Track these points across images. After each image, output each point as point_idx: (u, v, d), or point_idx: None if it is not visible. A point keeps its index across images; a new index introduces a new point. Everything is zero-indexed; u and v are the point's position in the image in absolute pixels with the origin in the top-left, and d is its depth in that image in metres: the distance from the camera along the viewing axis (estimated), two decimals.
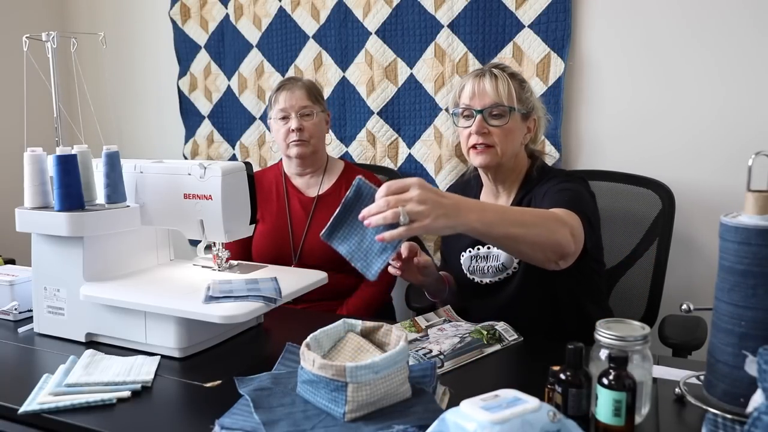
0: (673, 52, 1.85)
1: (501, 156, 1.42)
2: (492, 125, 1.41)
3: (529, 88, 1.48)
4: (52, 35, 1.40)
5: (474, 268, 1.49)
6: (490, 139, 1.41)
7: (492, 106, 1.40)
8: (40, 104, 1.80)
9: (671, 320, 1.57)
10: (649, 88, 1.89)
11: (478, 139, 1.41)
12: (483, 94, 1.41)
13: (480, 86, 1.41)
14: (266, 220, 1.87)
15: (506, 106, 1.40)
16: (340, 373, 0.91)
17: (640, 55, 1.89)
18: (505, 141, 1.41)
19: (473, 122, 1.41)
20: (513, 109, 1.41)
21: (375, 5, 2.18)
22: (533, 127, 1.48)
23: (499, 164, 1.44)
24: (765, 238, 0.86)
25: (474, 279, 1.50)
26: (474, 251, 1.49)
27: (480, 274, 1.49)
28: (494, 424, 0.70)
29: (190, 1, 2.57)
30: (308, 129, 1.81)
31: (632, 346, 0.91)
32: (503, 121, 1.41)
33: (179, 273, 1.41)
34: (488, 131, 1.41)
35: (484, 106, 1.41)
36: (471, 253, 1.50)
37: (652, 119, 1.90)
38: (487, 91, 1.41)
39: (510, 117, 1.41)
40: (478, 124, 1.40)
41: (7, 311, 1.48)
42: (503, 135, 1.41)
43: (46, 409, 1.02)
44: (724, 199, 1.80)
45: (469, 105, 1.43)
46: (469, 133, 1.42)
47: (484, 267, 1.47)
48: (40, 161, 1.33)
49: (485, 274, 1.48)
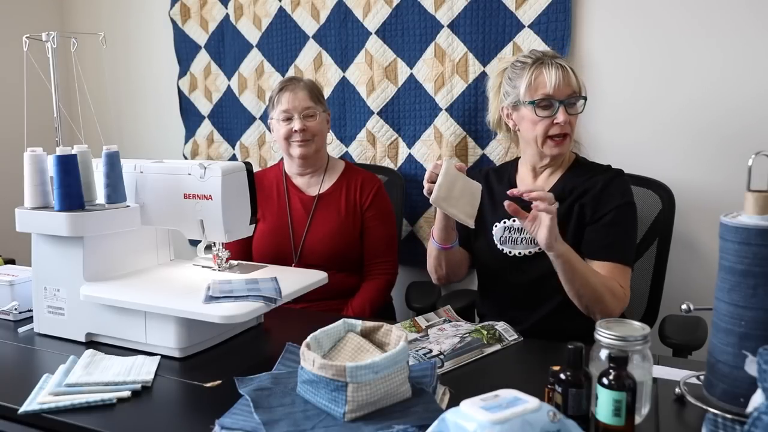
0: (673, 52, 1.85)
1: (571, 143, 1.50)
2: (570, 114, 1.45)
3: None
4: (52, 35, 1.40)
5: (506, 238, 1.52)
6: (569, 128, 1.46)
7: (572, 97, 1.44)
8: (40, 104, 1.80)
9: (671, 320, 1.57)
10: (649, 88, 1.89)
11: (562, 129, 1.44)
12: (567, 84, 1.43)
13: (565, 77, 1.43)
14: (267, 220, 1.87)
15: (582, 96, 1.46)
16: (340, 373, 0.91)
17: (640, 55, 1.89)
18: (574, 130, 1.48)
19: (555, 112, 1.43)
20: (586, 99, 1.46)
21: (375, 5, 2.18)
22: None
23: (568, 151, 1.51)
24: (765, 238, 0.86)
25: (504, 250, 1.52)
26: (509, 222, 1.52)
27: (511, 245, 1.51)
28: (494, 424, 0.70)
29: (190, 1, 2.57)
30: (311, 129, 1.81)
31: (632, 346, 0.91)
32: (577, 110, 1.46)
33: (179, 273, 1.41)
34: (569, 121, 1.45)
35: (566, 96, 1.43)
36: (506, 224, 1.53)
37: (652, 119, 1.90)
38: (572, 81, 1.44)
39: (584, 106, 1.46)
40: (564, 115, 1.43)
41: (7, 311, 1.48)
42: (575, 124, 1.48)
43: (46, 409, 1.02)
44: (724, 199, 1.80)
45: (552, 96, 1.43)
46: (550, 123, 1.44)
47: (518, 238, 1.50)
48: (40, 161, 1.33)
49: (516, 245, 1.50)
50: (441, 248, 1.51)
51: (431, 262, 1.57)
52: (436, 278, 1.61)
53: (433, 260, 1.56)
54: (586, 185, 1.48)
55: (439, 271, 1.57)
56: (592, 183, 1.47)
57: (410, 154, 2.22)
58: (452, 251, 1.53)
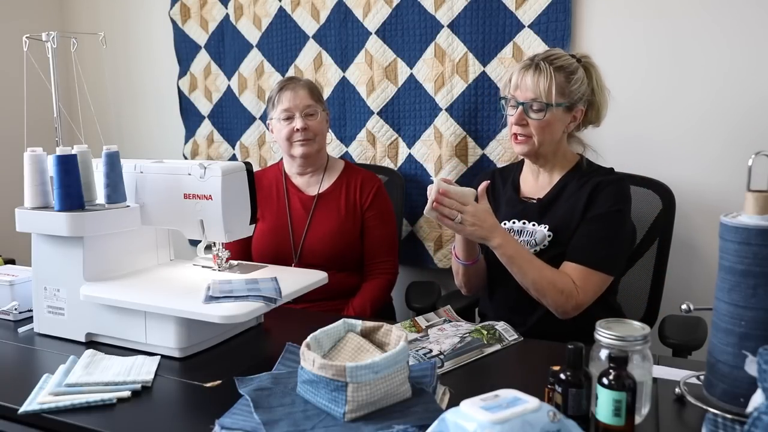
0: (674, 52, 1.85)
1: (538, 146, 1.48)
2: (531, 118, 1.46)
3: (580, 77, 1.48)
4: (52, 35, 1.40)
5: None
6: (527, 130, 1.47)
7: (531, 101, 1.45)
8: (40, 104, 1.80)
9: (671, 320, 1.57)
10: (649, 88, 1.89)
11: (518, 129, 1.48)
12: (524, 88, 1.46)
13: (523, 80, 1.46)
14: (266, 219, 1.87)
15: (544, 103, 1.44)
16: (340, 373, 0.91)
17: (640, 55, 1.89)
18: (542, 133, 1.47)
19: (515, 113, 1.47)
20: (550, 105, 1.44)
21: (375, 5, 2.18)
22: (580, 116, 1.51)
23: (536, 153, 1.50)
24: (765, 238, 0.86)
25: None
26: (509, 224, 1.54)
27: None
28: (494, 424, 0.70)
29: (190, 1, 2.57)
30: (313, 128, 1.81)
31: (632, 346, 0.91)
32: (541, 115, 1.45)
33: (179, 273, 1.41)
34: (527, 123, 1.46)
35: (525, 99, 1.46)
36: (506, 226, 1.54)
37: (652, 119, 1.90)
38: (528, 86, 1.45)
39: (548, 112, 1.45)
40: (517, 116, 1.47)
41: (7, 311, 1.48)
42: (540, 128, 1.46)
43: (46, 409, 1.02)
44: (724, 199, 1.80)
45: (513, 95, 1.48)
46: (512, 122, 1.49)
47: (519, 240, 1.50)
48: (40, 161, 1.33)
49: None
50: (467, 265, 1.53)
51: (460, 279, 1.59)
52: (467, 291, 1.62)
53: (461, 277, 1.58)
54: (583, 187, 1.48)
55: (469, 285, 1.60)
56: (589, 185, 1.47)
57: (410, 154, 2.22)
58: (478, 264, 1.54)
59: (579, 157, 1.57)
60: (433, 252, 2.22)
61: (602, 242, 1.42)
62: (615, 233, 1.45)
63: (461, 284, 1.60)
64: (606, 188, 1.46)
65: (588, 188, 1.47)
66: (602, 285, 1.43)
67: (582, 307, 1.39)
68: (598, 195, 1.45)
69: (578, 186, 1.49)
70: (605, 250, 1.42)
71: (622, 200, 1.47)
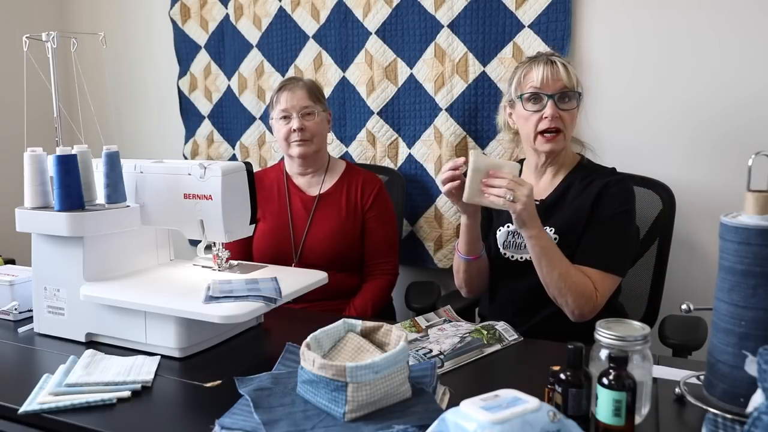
0: (674, 52, 1.85)
1: (566, 140, 1.46)
2: (563, 110, 1.43)
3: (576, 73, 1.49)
4: (52, 35, 1.40)
5: (509, 242, 1.51)
6: (560, 123, 1.43)
7: (563, 90, 1.42)
8: (40, 104, 1.80)
9: (671, 320, 1.57)
10: (649, 87, 1.89)
11: (551, 123, 1.42)
12: (557, 78, 1.42)
13: (554, 71, 1.42)
14: (267, 219, 1.87)
15: (575, 92, 1.43)
16: (340, 373, 0.91)
17: (640, 55, 1.89)
18: (570, 126, 1.45)
19: (544, 106, 1.42)
20: (581, 95, 1.44)
21: (375, 5, 2.18)
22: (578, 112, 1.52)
23: (563, 149, 1.48)
24: (765, 238, 0.86)
25: (506, 254, 1.51)
26: (513, 226, 1.50)
27: (514, 249, 1.50)
28: (494, 424, 0.70)
29: (190, 1, 2.57)
30: (310, 128, 1.81)
31: (632, 346, 0.91)
32: (573, 104, 1.44)
33: (179, 273, 1.41)
34: (560, 116, 1.42)
35: (556, 90, 1.42)
36: (509, 228, 1.52)
37: (653, 119, 1.90)
38: (562, 75, 1.42)
39: (579, 102, 1.44)
40: (553, 109, 1.41)
41: (7, 311, 1.48)
42: (570, 120, 1.44)
43: (46, 409, 1.02)
44: (724, 199, 1.80)
45: (539, 89, 1.43)
46: (540, 118, 1.43)
47: (521, 243, 1.48)
48: (40, 161, 1.33)
49: (519, 250, 1.49)
50: (470, 260, 1.49)
51: (461, 277, 1.54)
52: (467, 291, 1.58)
53: (462, 274, 1.54)
54: (587, 188, 1.46)
55: (470, 284, 1.55)
56: (595, 186, 1.46)
57: (410, 154, 2.22)
58: (480, 260, 1.51)
59: (580, 157, 1.56)
60: (433, 252, 2.22)
61: (613, 244, 1.41)
62: (624, 234, 1.44)
63: (461, 283, 1.56)
64: (613, 188, 1.44)
65: (594, 189, 1.45)
66: (614, 287, 1.42)
67: (597, 311, 1.37)
68: (605, 196, 1.44)
69: (583, 187, 1.47)
70: (617, 252, 1.42)
71: (629, 200, 1.46)
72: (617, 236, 1.42)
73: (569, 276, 1.35)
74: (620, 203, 1.43)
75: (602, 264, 1.39)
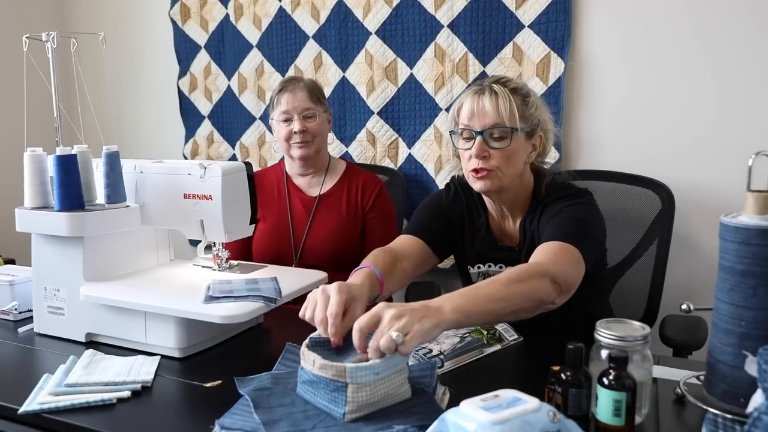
0: (673, 52, 1.85)
1: (503, 180, 1.32)
2: (493, 148, 1.30)
3: (535, 101, 1.36)
4: (52, 35, 1.39)
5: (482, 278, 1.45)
6: (490, 163, 1.31)
7: (492, 127, 1.30)
8: (40, 104, 1.80)
9: (671, 320, 1.57)
10: (649, 87, 1.89)
11: (479, 163, 1.31)
12: (483, 113, 1.30)
13: (479, 105, 1.31)
14: (267, 220, 1.87)
15: (508, 127, 1.29)
16: (341, 374, 0.91)
17: (640, 55, 1.89)
18: (506, 164, 1.31)
19: (473, 144, 1.31)
20: (515, 130, 1.30)
21: (375, 5, 2.18)
22: (539, 144, 1.38)
23: (501, 188, 1.34)
24: (765, 238, 0.86)
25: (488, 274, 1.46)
26: (484, 267, 1.44)
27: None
28: (494, 424, 0.70)
29: (190, 1, 2.57)
30: (311, 130, 1.81)
31: (632, 346, 0.91)
32: (505, 143, 1.30)
33: (179, 273, 1.41)
34: (489, 154, 1.30)
35: (484, 126, 1.30)
36: (480, 270, 1.45)
37: (652, 119, 1.90)
38: (487, 110, 1.29)
39: (512, 138, 1.30)
40: (478, 147, 1.30)
41: (7, 311, 1.48)
42: (504, 158, 1.31)
43: (46, 409, 1.02)
44: (724, 199, 1.80)
45: (468, 125, 1.32)
46: (469, 156, 1.32)
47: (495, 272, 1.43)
48: (40, 161, 1.33)
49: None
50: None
51: None
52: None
53: None
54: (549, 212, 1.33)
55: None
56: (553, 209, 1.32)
57: (410, 154, 2.22)
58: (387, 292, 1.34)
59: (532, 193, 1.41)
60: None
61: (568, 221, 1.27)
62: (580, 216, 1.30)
63: None
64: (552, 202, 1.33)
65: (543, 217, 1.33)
66: (576, 262, 1.21)
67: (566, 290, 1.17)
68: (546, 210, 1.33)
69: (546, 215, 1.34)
70: (572, 228, 1.26)
71: (577, 194, 1.35)
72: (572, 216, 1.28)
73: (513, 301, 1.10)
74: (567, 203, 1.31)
75: (555, 237, 1.23)
